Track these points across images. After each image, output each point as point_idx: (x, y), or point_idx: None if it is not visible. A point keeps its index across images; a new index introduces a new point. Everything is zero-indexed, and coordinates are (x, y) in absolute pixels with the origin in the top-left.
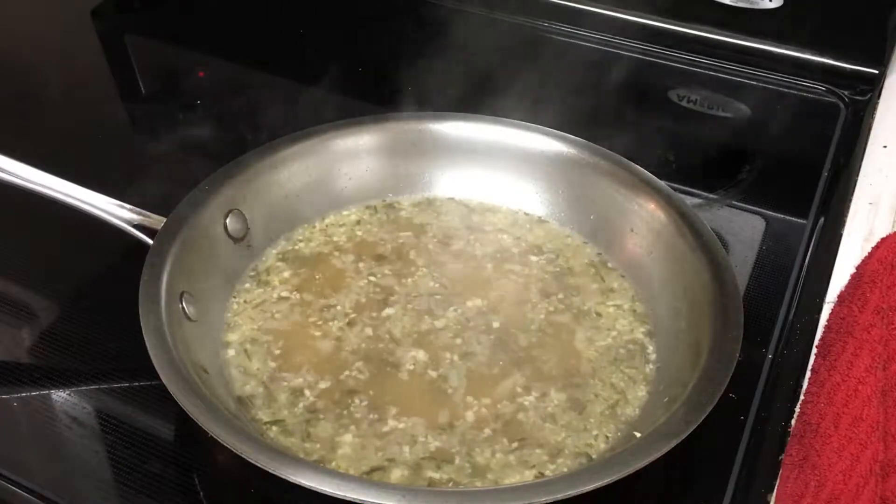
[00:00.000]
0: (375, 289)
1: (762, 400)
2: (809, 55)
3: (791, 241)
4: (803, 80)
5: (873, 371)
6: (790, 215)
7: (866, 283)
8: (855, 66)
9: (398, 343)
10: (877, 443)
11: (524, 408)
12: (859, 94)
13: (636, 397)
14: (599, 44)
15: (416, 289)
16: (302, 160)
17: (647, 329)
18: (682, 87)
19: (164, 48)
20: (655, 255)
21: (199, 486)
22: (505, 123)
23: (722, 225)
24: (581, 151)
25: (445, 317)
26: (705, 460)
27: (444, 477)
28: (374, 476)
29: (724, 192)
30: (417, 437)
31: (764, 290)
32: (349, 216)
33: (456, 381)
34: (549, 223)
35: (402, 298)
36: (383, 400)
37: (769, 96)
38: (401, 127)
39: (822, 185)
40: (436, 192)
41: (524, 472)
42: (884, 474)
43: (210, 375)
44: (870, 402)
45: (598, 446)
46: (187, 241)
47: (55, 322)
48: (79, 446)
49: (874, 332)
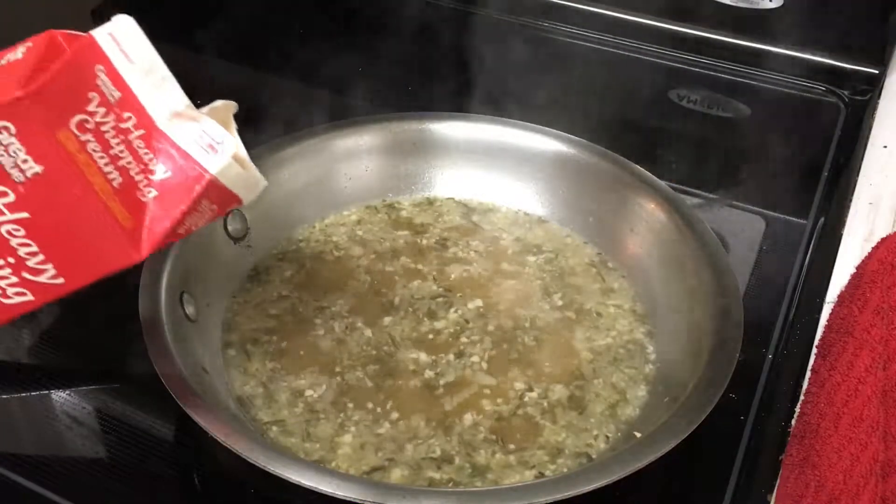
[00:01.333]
0: (376, 289)
1: (762, 400)
2: (809, 55)
3: (791, 241)
4: (803, 80)
5: (873, 371)
6: (790, 215)
7: (866, 284)
8: (855, 66)
9: (398, 343)
10: (877, 443)
11: (525, 407)
12: (859, 94)
13: (636, 397)
14: (599, 43)
15: (417, 288)
16: (302, 160)
17: (647, 329)
18: (682, 87)
19: (164, 48)
20: (655, 256)
21: (199, 486)
22: (505, 123)
23: (722, 225)
24: (581, 151)
25: (446, 317)
26: (705, 460)
27: (445, 477)
28: (374, 476)
29: (724, 192)
30: (417, 438)
31: (764, 289)
32: (349, 216)
33: (456, 381)
34: (548, 223)
35: (402, 298)
36: (383, 400)
37: (769, 96)
38: (401, 127)
39: (822, 185)
40: (436, 192)
41: (524, 472)
42: (884, 474)
43: (210, 375)
44: (870, 403)
45: (599, 446)
46: (187, 241)
47: (55, 322)
48: (79, 446)
49: (874, 332)
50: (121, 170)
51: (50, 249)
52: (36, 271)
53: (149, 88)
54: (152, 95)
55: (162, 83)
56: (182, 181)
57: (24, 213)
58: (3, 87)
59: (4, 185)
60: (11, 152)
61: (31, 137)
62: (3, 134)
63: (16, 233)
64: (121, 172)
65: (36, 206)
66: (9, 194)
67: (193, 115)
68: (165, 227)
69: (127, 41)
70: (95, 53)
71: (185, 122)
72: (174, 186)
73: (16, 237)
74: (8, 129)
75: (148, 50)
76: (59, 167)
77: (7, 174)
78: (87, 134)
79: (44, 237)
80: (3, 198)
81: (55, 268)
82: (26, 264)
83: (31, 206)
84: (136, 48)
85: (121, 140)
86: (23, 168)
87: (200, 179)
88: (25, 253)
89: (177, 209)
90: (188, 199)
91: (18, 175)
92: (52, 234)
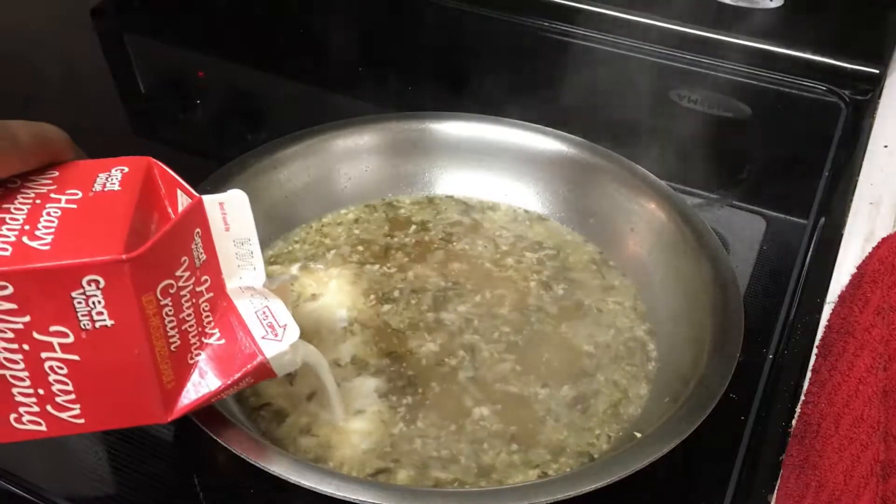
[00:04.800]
0: (376, 287)
1: (762, 400)
2: (810, 55)
3: (792, 241)
4: (804, 79)
5: (874, 371)
6: (791, 215)
7: (867, 283)
8: (855, 65)
9: (399, 342)
10: (878, 443)
11: (527, 406)
12: (860, 93)
13: (638, 395)
14: (599, 43)
15: (417, 286)
16: (302, 160)
17: (648, 327)
18: (683, 87)
19: (164, 48)
20: (656, 255)
21: (198, 486)
22: (505, 123)
23: (722, 225)
24: (581, 151)
25: (446, 315)
26: (705, 460)
27: (450, 476)
28: (379, 477)
29: (724, 192)
30: (421, 437)
31: (764, 289)
32: (347, 215)
33: (457, 380)
34: (549, 221)
35: (402, 296)
36: (384, 399)
37: (770, 96)
38: (401, 127)
39: (822, 184)
40: (436, 192)
41: (528, 471)
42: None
43: None
44: (871, 403)
45: (601, 446)
46: None
47: None
48: (79, 446)
49: (875, 332)
50: (182, 333)
51: (85, 394)
52: (61, 408)
53: (232, 256)
54: (234, 263)
55: (248, 257)
56: (234, 354)
57: (76, 356)
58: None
59: (70, 328)
60: (91, 303)
61: (116, 295)
62: (91, 287)
63: (59, 370)
64: (181, 336)
65: (91, 353)
66: (69, 336)
67: (263, 292)
68: (202, 395)
69: (232, 212)
70: (199, 217)
71: (253, 295)
72: (225, 357)
73: (57, 374)
74: (97, 283)
75: (249, 224)
76: (130, 326)
77: (77, 320)
78: (168, 298)
79: (84, 382)
80: (63, 338)
81: (81, 410)
82: (55, 400)
83: (86, 353)
84: (238, 219)
85: (192, 304)
86: (94, 319)
87: (253, 359)
88: (58, 390)
89: (220, 381)
90: (234, 374)
91: (87, 323)
92: (93, 382)
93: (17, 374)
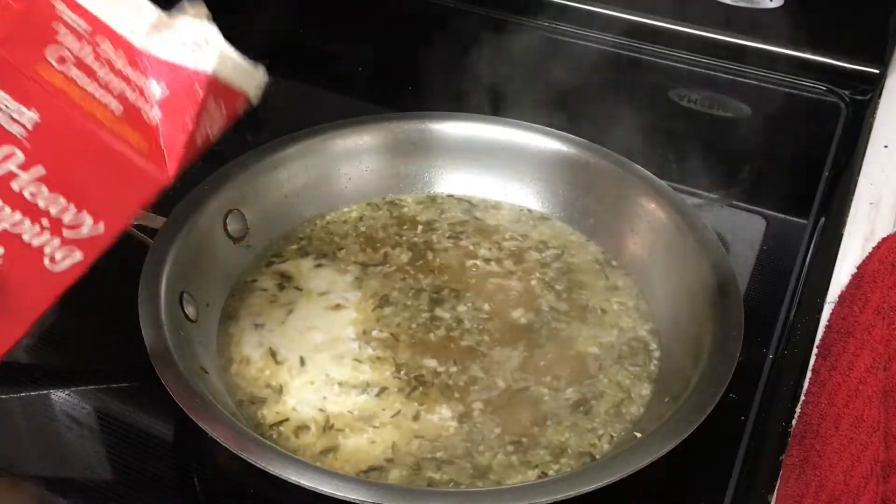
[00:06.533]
0: (377, 286)
1: (762, 400)
2: (810, 55)
3: (791, 241)
4: (804, 79)
5: (874, 371)
6: (791, 215)
7: (867, 284)
8: (856, 65)
9: (399, 342)
10: (878, 443)
11: (529, 407)
12: (860, 93)
13: (640, 395)
14: (599, 43)
15: (422, 285)
16: (302, 160)
17: (650, 327)
18: (682, 87)
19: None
20: (656, 255)
21: (198, 486)
22: (505, 123)
23: (722, 225)
24: (581, 151)
25: (448, 313)
26: (705, 460)
27: (445, 477)
28: (371, 476)
29: (724, 192)
30: (418, 437)
31: (764, 289)
32: (350, 213)
33: (458, 379)
34: (551, 220)
35: (403, 296)
36: (384, 398)
37: (769, 96)
38: (401, 127)
39: (822, 184)
40: (436, 191)
41: (527, 472)
42: (884, 475)
43: (210, 376)
44: (871, 403)
45: (602, 446)
46: (187, 241)
47: (55, 322)
48: (79, 446)
49: (875, 332)
50: (119, 98)
51: (78, 197)
52: (75, 226)
53: (113, 11)
54: (119, 17)
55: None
56: (182, 92)
57: (39, 167)
58: None
59: (9, 143)
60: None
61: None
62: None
63: (39, 192)
64: (119, 100)
65: (47, 156)
66: (16, 153)
67: (167, 23)
68: (182, 139)
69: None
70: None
71: (162, 33)
72: (177, 100)
73: (41, 196)
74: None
75: None
76: (52, 105)
77: (7, 132)
78: (67, 64)
79: (68, 186)
80: (12, 159)
81: (90, 215)
82: (63, 220)
83: (43, 158)
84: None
85: (108, 69)
86: (18, 119)
87: (199, 81)
88: (56, 210)
89: (186, 119)
90: (194, 106)
91: (19, 129)
92: (74, 181)
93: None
